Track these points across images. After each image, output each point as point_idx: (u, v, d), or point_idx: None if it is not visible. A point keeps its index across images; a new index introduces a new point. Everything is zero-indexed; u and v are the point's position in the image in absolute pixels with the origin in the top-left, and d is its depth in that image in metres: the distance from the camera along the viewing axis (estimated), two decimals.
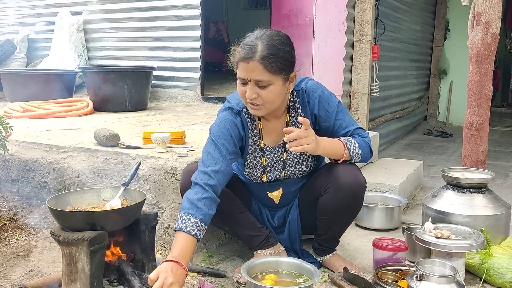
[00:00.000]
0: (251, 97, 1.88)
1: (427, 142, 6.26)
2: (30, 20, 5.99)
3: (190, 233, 1.75)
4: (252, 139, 2.10)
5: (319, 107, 2.05)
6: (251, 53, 1.82)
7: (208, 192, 1.84)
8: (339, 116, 2.06)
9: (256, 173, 2.14)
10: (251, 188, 2.25)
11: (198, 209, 1.79)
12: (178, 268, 1.66)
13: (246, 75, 1.85)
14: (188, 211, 1.79)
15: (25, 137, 2.86)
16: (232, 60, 1.91)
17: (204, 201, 1.82)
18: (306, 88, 2.05)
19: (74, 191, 1.92)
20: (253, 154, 2.12)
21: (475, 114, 2.85)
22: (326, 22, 4.06)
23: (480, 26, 2.79)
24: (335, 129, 2.07)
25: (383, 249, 2.14)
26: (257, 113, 1.97)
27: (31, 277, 2.00)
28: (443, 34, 7.58)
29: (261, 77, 1.84)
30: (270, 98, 1.89)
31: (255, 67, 1.83)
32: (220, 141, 1.96)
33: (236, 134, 2.02)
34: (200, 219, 1.78)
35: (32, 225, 2.45)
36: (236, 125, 2.03)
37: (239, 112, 2.05)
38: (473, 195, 2.36)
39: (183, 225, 1.76)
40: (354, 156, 2.04)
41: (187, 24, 4.74)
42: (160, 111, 4.21)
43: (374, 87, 4.30)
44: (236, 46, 1.90)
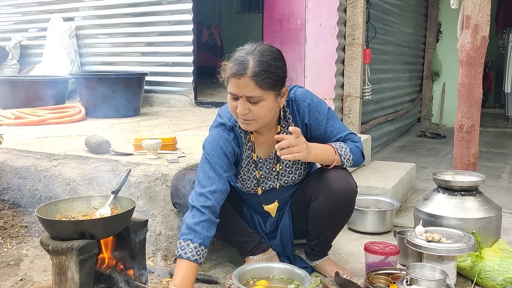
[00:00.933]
0: (243, 113, 1.86)
1: (421, 144, 6.28)
2: (23, 27, 5.98)
3: (190, 259, 1.79)
4: (245, 153, 2.09)
5: (309, 116, 2.04)
6: (243, 69, 1.80)
7: (205, 215, 1.85)
8: (330, 123, 2.06)
9: (249, 185, 2.14)
10: (243, 196, 2.25)
11: (196, 233, 1.82)
12: None
13: (238, 91, 1.83)
14: (187, 237, 1.81)
15: (16, 144, 2.85)
16: (223, 75, 1.89)
17: (202, 224, 1.84)
18: (295, 97, 2.04)
19: (64, 200, 1.91)
20: (246, 167, 2.11)
21: (465, 116, 2.87)
22: (317, 26, 4.07)
23: (469, 30, 2.81)
24: (327, 136, 2.07)
25: (375, 253, 2.14)
26: (248, 128, 1.95)
27: (22, 286, 1.99)
28: (435, 36, 7.62)
29: (253, 93, 1.82)
30: (262, 114, 1.88)
31: (246, 83, 1.81)
32: (214, 159, 1.95)
33: (230, 151, 2.00)
34: (199, 243, 1.81)
35: (23, 234, 2.44)
36: (230, 142, 2.00)
37: (232, 128, 2.02)
38: (464, 198, 2.37)
39: (182, 252, 1.80)
40: (345, 161, 2.05)
41: (179, 29, 4.75)
42: (153, 117, 4.20)
43: (366, 90, 4.31)
44: (226, 61, 1.89)
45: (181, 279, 1.77)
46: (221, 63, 1.90)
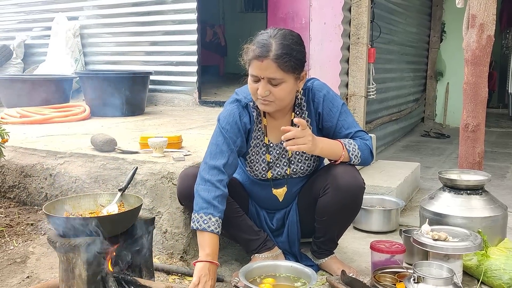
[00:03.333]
0: (264, 95, 1.92)
1: (425, 144, 6.27)
2: (27, 26, 5.99)
3: (214, 231, 1.89)
4: (255, 133, 2.13)
5: (323, 106, 2.09)
6: (265, 52, 1.86)
7: (219, 190, 1.94)
8: (342, 117, 2.08)
9: (258, 168, 2.16)
10: (250, 188, 2.25)
11: (215, 207, 1.92)
12: (213, 267, 1.85)
13: (260, 73, 1.89)
14: (207, 211, 1.91)
15: (22, 143, 2.86)
16: (244, 58, 1.95)
17: (218, 199, 1.93)
18: (312, 86, 2.10)
19: (71, 197, 1.92)
20: (255, 149, 2.14)
21: (471, 116, 2.86)
22: (322, 25, 4.07)
23: (475, 29, 2.80)
24: (337, 130, 2.09)
25: (381, 252, 2.15)
26: (267, 109, 2.00)
27: (29, 283, 1.99)
28: (439, 36, 7.60)
29: (274, 75, 1.88)
30: (282, 96, 1.93)
31: (269, 65, 1.87)
32: (228, 134, 2.02)
33: (243, 127, 2.07)
34: (219, 216, 1.92)
35: (29, 232, 2.45)
36: (243, 119, 2.07)
37: (247, 105, 2.09)
38: (470, 196, 2.36)
39: (206, 225, 1.89)
40: (353, 158, 2.05)
41: (183, 29, 4.75)
42: (157, 116, 4.21)
43: (370, 89, 4.30)
44: (248, 44, 1.94)
45: (211, 249, 1.88)
46: (244, 46, 1.96)
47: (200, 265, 1.84)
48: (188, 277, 2.13)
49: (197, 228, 1.91)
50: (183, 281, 2.11)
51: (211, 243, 1.89)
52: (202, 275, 1.81)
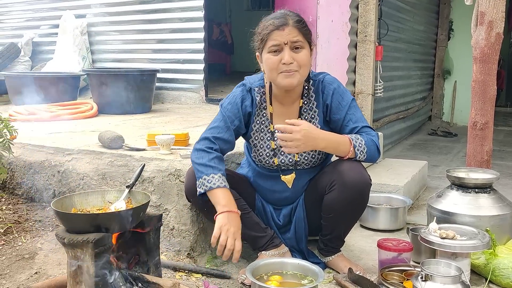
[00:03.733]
0: (289, 61, 1.97)
1: (432, 142, 6.25)
2: (34, 24, 6.02)
3: (221, 186, 1.96)
4: (258, 118, 2.17)
5: (332, 98, 2.12)
6: (285, 21, 1.99)
7: (212, 154, 2.03)
8: (351, 111, 2.10)
9: (262, 154, 2.18)
10: (258, 182, 2.26)
11: (214, 167, 1.99)
12: (232, 215, 1.91)
13: (282, 39, 1.97)
14: (208, 172, 1.98)
15: (30, 140, 2.87)
16: (259, 36, 2.04)
17: (214, 160, 2.01)
18: (324, 79, 2.15)
19: (79, 193, 1.92)
20: (259, 134, 2.18)
21: (479, 114, 2.84)
22: (329, 22, 4.05)
23: (484, 26, 2.78)
24: (345, 123, 2.10)
25: (388, 250, 2.14)
26: (291, 82, 2.02)
27: (37, 279, 2.01)
28: (446, 34, 7.56)
29: (297, 38, 1.98)
30: (305, 61, 2.01)
31: (290, 31, 1.98)
32: (227, 113, 2.12)
33: (244, 110, 2.15)
34: (221, 173, 1.99)
35: (37, 228, 2.46)
36: (245, 101, 2.15)
37: (250, 89, 2.17)
38: (478, 195, 2.35)
39: (211, 184, 1.96)
40: (359, 153, 2.05)
41: (190, 26, 4.75)
42: (164, 113, 4.22)
43: (378, 87, 4.29)
44: (262, 23, 2.04)
45: (226, 202, 1.93)
46: (255, 30, 2.07)
47: (218, 218, 1.90)
48: (195, 274, 2.14)
49: (204, 191, 1.97)
50: (190, 277, 2.12)
51: (223, 196, 1.94)
52: (222, 225, 1.87)
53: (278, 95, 2.16)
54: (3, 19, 6.38)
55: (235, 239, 1.89)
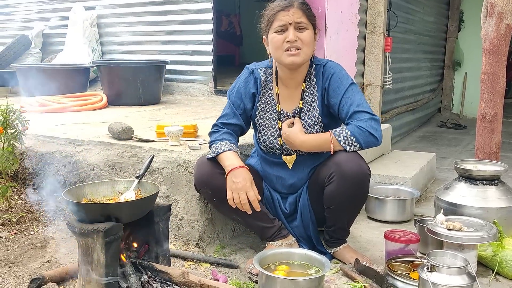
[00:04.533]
0: (293, 39, 2.05)
1: (441, 134, 6.22)
2: (45, 16, 6.06)
3: (226, 150, 2.10)
4: (263, 98, 2.24)
5: (330, 82, 2.15)
6: (291, 2, 2.08)
7: (222, 129, 2.20)
8: (348, 94, 2.11)
9: (267, 133, 2.23)
10: (263, 168, 2.31)
11: (222, 139, 2.16)
12: (236, 171, 2.03)
13: (287, 19, 2.06)
14: (216, 141, 2.15)
15: (41, 131, 2.91)
16: (265, 18, 2.14)
17: (224, 135, 2.18)
18: (326, 64, 2.21)
19: (90, 184, 1.95)
20: (264, 114, 2.24)
21: (488, 106, 2.83)
22: (338, 14, 4.04)
23: (494, 17, 2.76)
24: (341, 107, 2.12)
25: (395, 241, 2.15)
26: (296, 60, 2.08)
27: (48, 267, 2.04)
28: (457, 25, 7.50)
29: (301, 19, 2.07)
30: (308, 40, 2.08)
31: (295, 12, 2.07)
32: (233, 98, 2.24)
33: (248, 92, 2.24)
34: (228, 139, 2.15)
35: (48, 217, 2.50)
36: (249, 84, 2.24)
37: (253, 71, 2.26)
38: (486, 187, 2.36)
39: (218, 149, 2.10)
40: (347, 146, 2.05)
41: (199, 18, 4.76)
42: (173, 105, 4.24)
43: (387, 79, 4.28)
44: (269, 6, 2.13)
45: (231, 161, 2.06)
46: (262, 13, 2.17)
47: (227, 179, 2.04)
48: (204, 264, 2.17)
49: (213, 156, 2.11)
50: (198, 267, 2.15)
51: (227, 157, 2.08)
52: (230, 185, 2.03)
53: (283, 78, 2.20)
54: (14, 11, 6.43)
55: (246, 191, 2.02)
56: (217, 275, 2.05)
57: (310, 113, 2.19)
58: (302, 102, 2.20)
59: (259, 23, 2.19)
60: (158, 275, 1.82)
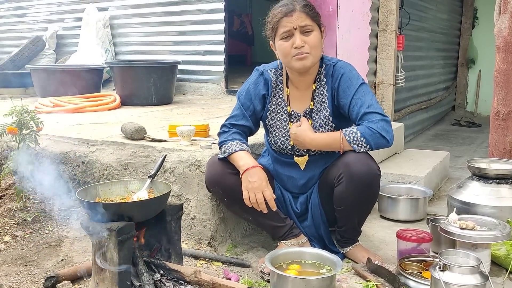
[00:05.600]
0: (300, 44, 2.04)
1: (455, 132, 6.17)
2: (58, 17, 6.13)
3: (238, 150, 2.09)
4: (274, 99, 2.24)
5: (340, 82, 2.14)
6: (292, 7, 2.06)
7: (231, 130, 2.19)
8: (358, 95, 2.09)
9: (278, 134, 2.23)
10: (275, 168, 2.30)
11: (232, 139, 2.15)
12: (251, 171, 2.02)
13: (292, 24, 2.04)
14: (227, 141, 2.14)
15: (55, 131, 2.95)
16: (270, 25, 2.12)
17: (233, 135, 2.17)
18: (336, 64, 2.19)
19: (103, 183, 1.98)
20: (275, 115, 2.24)
21: (502, 103, 2.80)
22: (350, 12, 4.02)
23: (507, 14, 2.73)
24: (351, 108, 2.10)
25: (407, 240, 2.14)
26: (305, 64, 2.08)
27: (63, 266, 2.07)
28: (471, 22, 7.42)
29: (306, 22, 2.05)
30: (316, 43, 2.07)
31: (298, 16, 2.04)
32: (242, 99, 2.24)
33: (258, 94, 2.23)
34: (238, 140, 2.14)
35: (62, 217, 2.53)
36: (258, 85, 2.23)
37: (263, 72, 2.25)
38: (500, 186, 2.33)
39: (230, 149, 2.10)
40: (357, 146, 2.03)
41: (211, 18, 4.78)
42: (185, 105, 4.26)
43: (399, 77, 4.25)
44: (271, 12, 2.12)
45: (244, 161, 2.06)
46: (265, 19, 2.15)
47: (242, 180, 2.03)
48: (216, 262, 2.18)
49: (224, 156, 2.10)
50: (210, 266, 2.16)
51: (240, 157, 2.07)
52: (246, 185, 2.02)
53: (293, 80, 2.21)
54: (28, 13, 6.51)
55: (262, 191, 2.01)
56: (229, 274, 2.06)
57: (320, 113, 2.18)
58: (313, 102, 2.20)
59: (264, 30, 2.17)
60: (171, 273, 1.84)
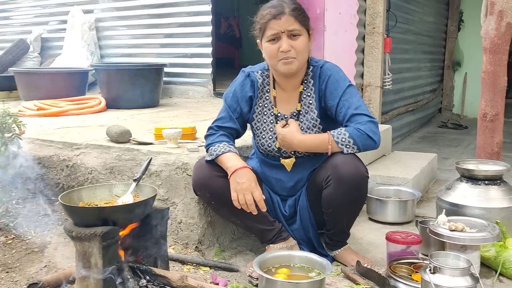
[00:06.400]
0: (287, 49, 2.02)
1: (442, 135, 6.20)
2: (43, 20, 6.05)
3: (225, 152, 2.06)
4: (261, 101, 2.21)
5: (327, 84, 2.12)
6: (281, 9, 2.02)
7: (218, 132, 2.16)
8: (345, 97, 2.07)
9: (265, 136, 2.21)
10: (263, 171, 2.27)
11: (220, 141, 2.11)
12: (240, 172, 1.99)
13: (279, 28, 2.02)
14: (214, 143, 2.11)
15: (39, 134, 2.89)
16: (258, 25, 2.09)
17: (220, 137, 2.14)
18: (323, 65, 2.17)
19: (87, 187, 1.93)
20: (261, 117, 2.21)
21: (489, 105, 2.81)
22: (337, 15, 4.02)
23: (494, 16, 2.74)
24: (338, 109, 2.09)
25: (397, 243, 2.13)
26: (290, 68, 2.06)
27: (46, 272, 2.03)
28: (456, 25, 7.48)
29: (294, 26, 2.02)
30: (302, 48, 2.05)
31: (287, 19, 2.01)
32: (229, 101, 2.21)
33: (244, 96, 2.20)
34: (226, 142, 2.11)
35: (46, 222, 2.48)
36: (245, 87, 2.20)
37: (249, 74, 2.22)
38: (488, 187, 2.33)
39: (217, 151, 2.06)
40: (345, 148, 2.02)
41: (198, 20, 4.75)
42: (172, 108, 4.22)
43: (386, 80, 4.26)
44: (260, 12, 2.08)
45: (232, 162, 2.03)
46: (254, 19, 2.12)
47: (230, 181, 2.00)
48: (203, 267, 2.14)
49: (211, 159, 2.07)
50: (198, 270, 2.12)
51: (228, 159, 2.04)
52: (234, 186, 1.98)
53: (280, 82, 2.19)
54: (12, 15, 6.42)
55: (251, 191, 1.98)
56: (216, 279, 2.03)
57: (308, 115, 2.16)
58: (300, 104, 2.18)
59: (251, 29, 2.15)
60: (157, 279, 1.80)
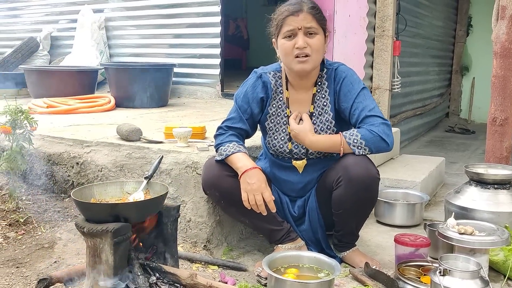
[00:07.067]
0: (303, 45, 2.02)
1: (449, 139, 6.18)
2: (53, 18, 6.09)
3: (235, 152, 2.05)
4: (274, 102, 2.21)
5: (341, 86, 2.13)
6: (300, 7, 2.04)
7: (227, 133, 2.15)
8: (359, 99, 2.08)
9: (277, 137, 2.21)
10: (273, 172, 2.27)
11: (230, 141, 2.11)
12: (250, 173, 1.99)
13: (297, 24, 2.03)
14: (223, 144, 2.10)
15: (49, 132, 2.91)
16: (274, 22, 2.10)
17: (229, 137, 2.13)
18: (338, 67, 2.18)
19: (98, 184, 1.94)
20: (275, 118, 2.21)
21: (499, 109, 2.81)
22: (346, 17, 4.03)
23: (505, 20, 2.74)
24: (352, 111, 2.09)
25: (405, 245, 2.12)
26: (304, 67, 2.06)
27: (56, 268, 2.04)
28: (465, 30, 7.47)
29: (311, 24, 2.03)
30: (318, 46, 2.05)
31: (305, 17, 2.03)
32: (240, 102, 2.19)
33: (256, 97, 2.19)
34: (235, 142, 2.10)
35: (56, 218, 2.49)
36: (256, 88, 2.19)
37: (261, 75, 2.21)
38: (497, 191, 2.33)
39: (227, 151, 2.06)
40: (356, 149, 2.02)
41: (207, 21, 4.76)
42: (181, 108, 4.24)
43: (395, 83, 4.26)
44: (278, 9, 2.10)
45: (242, 162, 2.02)
46: (271, 16, 2.14)
47: (241, 181, 2.00)
48: (212, 266, 2.15)
49: (221, 158, 2.07)
50: (206, 269, 2.13)
51: (241, 159, 2.03)
52: (245, 187, 1.98)
53: (293, 83, 2.19)
54: (23, 13, 6.46)
55: (261, 192, 1.97)
56: (225, 278, 2.03)
57: (322, 117, 2.17)
58: (313, 106, 2.18)
59: (268, 26, 2.16)
60: (166, 276, 1.80)
